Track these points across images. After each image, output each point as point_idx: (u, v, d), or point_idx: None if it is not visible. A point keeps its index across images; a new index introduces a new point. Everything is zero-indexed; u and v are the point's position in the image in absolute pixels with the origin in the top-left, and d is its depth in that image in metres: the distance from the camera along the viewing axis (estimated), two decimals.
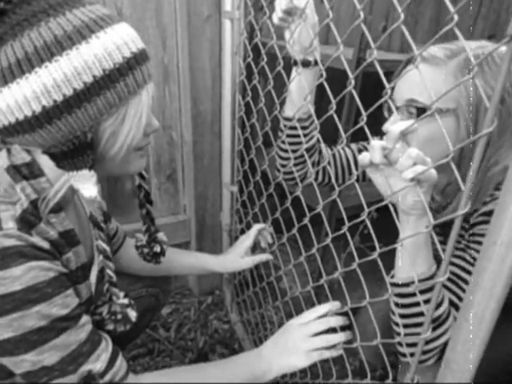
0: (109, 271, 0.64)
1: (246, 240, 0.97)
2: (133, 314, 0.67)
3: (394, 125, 0.49)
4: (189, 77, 1.17)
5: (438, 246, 0.46)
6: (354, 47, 0.94)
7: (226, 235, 1.33)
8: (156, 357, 1.29)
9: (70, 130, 0.50)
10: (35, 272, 0.49)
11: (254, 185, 1.03)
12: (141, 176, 0.73)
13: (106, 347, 0.58)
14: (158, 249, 0.83)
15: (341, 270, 0.68)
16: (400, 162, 0.49)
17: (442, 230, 0.77)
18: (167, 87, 1.24)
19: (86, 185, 0.53)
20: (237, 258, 0.95)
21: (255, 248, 1.00)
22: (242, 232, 1.17)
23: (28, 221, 0.51)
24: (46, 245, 0.52)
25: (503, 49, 0.64)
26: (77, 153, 0.52)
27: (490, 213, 0.65)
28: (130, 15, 1.11)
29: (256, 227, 0.98)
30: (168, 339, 1.35)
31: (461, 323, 0.42)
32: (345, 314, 0.69)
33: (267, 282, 1.04)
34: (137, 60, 0.53)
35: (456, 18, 0.40)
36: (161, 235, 0.84)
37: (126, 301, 0.67)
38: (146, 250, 0.82)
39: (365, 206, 0.58)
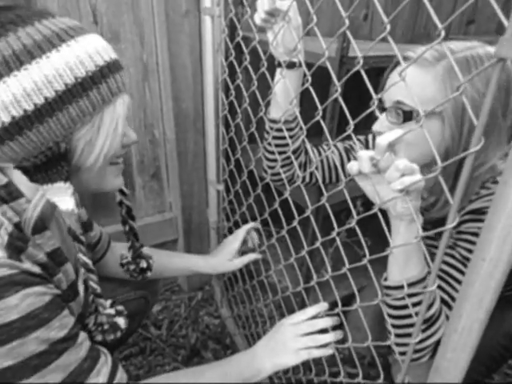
0: (92, 283, 0.63)
1: (234, 242, 0.97)
2: (122, 322, 0.67)
3: (382, 136, 0.49)
4: (169, 74, 1.14)
5: (428, 257, 0.47)
6: (336, 40, 0.92)
7: (213, 233, 1.33)
8: (148, 356, 1.29)
9: (42, 141, 0.49)
10: (31, 299, 0.48)
11: (241, 184, 1.02)
12: (121, 192, 0.72)
13: (105, 361, 0.58)
14: (144, 264, 0.82)
15: (331, 274, 0.69)
16: (388, 174, 0.50)
17: (432, 225, 0.79)
18: (147, 85, 1.20)
19: (62, 197, 0.52)
20: (225, 260, 0.96)
21: (243, 245, 1.00)
22: (230, 230, 1.16)
23: (16, 247, 0.49)
24: (37, 269, 0.51)
25: (491, 50, 0.65)
26: (50, 165, 0.51)
27: (476, 211, 0.66)
28: (104, 11, 1.06)
29: (245, 228, 0.98)
30: (160, 337, 1.36)
31: (450, 333, 0.44)
32: (335, 306, 0.70)
33: (257, 279, 1.04)
34: (110, 68, 0.52)
35: (443, 33, 0.39)
36: (145, 250, 0.83)
37: (112, 311, 0.66)
38: (132, 267, 0.82)
39: (354, 212, 0.59)
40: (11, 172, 0.51)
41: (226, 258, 0.96)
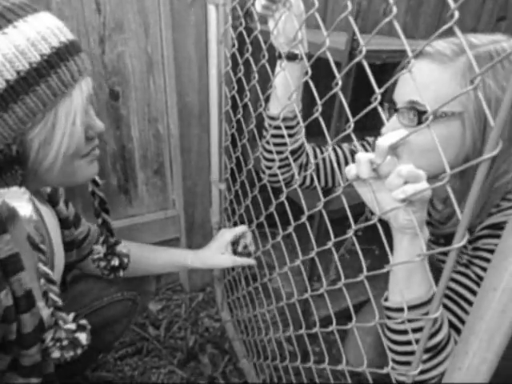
0: (52, 295, 0.57)
1: (227, 233, 0.90)
2: (83, 337, 0.60)
3: (383, 137, 0.43)
4: (174, 67, 1.09)
5: (431, 279, 0.41)
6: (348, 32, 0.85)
7: (215, 233, 1.28)
8: (145, 357, 1.26)
9: None
10: None
11: (241, 184, 0.96)
12: (94, 182, 0.66)
13: None
14: (116, 262, 0.76)
15: (326, 288, 0.62)
16: (389, 181, 0.43)
17: (446, 240, 0.71)
18: (152, 78, 1.16)
19: (19, 203, 0.47)
20: (216, 253, 0.89)
21: (236, 245, 0.93)
22: None
23: None
24: None
25: None
26: (3, 169, 0.46)
27: (495, 225, 0.59)
28: None
29: (242, 227, 0.92)
30: (157, 338, 1.32)
31: (453, 371, 0.37)
32: (342, 316, 0.64)
33: (260, 282, 0.99)
34: (60, 56, 0.45)
35: (457, 15, 0.33)
36: (121, 247, 0.77)
37: (73, 326, 0.60)
38: (102, 264, 0.76)
39: (352, 224, 0.52)
40: None
41: (217, 250, 0.88)
